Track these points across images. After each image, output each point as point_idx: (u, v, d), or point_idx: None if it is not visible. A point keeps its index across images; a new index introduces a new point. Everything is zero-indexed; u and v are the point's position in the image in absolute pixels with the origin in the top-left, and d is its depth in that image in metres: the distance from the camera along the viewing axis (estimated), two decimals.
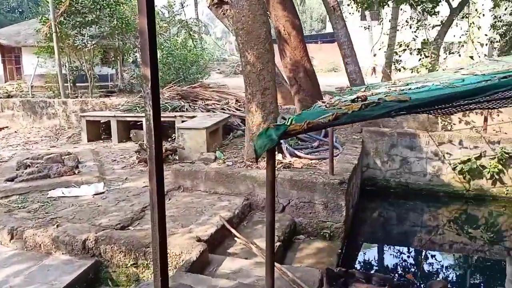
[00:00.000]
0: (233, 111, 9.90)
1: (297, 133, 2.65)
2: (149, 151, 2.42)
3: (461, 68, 6.70)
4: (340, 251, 5.33)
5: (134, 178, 6.73)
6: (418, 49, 10.97)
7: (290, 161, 6.68)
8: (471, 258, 6.65)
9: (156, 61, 2.43)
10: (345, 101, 4.33)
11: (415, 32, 11.09)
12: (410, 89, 3.73)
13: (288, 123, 2.69)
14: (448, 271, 6.26)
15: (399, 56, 11.03)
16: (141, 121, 9.35)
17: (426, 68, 8.99)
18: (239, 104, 10.40)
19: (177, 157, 7.64)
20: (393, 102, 2.81)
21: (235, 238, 4.88)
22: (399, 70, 10.89)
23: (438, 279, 3.04)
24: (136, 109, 9.68)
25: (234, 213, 5.32)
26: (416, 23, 10.97)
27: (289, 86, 10.24)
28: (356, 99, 3.80)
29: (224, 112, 9.61)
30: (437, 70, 9.21)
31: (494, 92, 2.56)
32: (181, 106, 9.82)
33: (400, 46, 11.12)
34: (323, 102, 4.61)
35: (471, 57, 9.32)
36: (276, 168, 6.49)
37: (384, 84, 5.90)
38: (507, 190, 7.60)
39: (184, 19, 17.67)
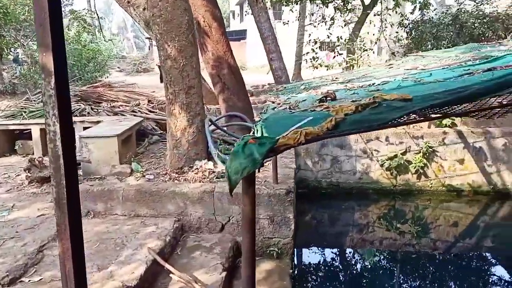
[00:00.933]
0: (146, 114, 8.68)
1: (288, 148, 1.85)
2: (53, 165, 1.40)
3: (390, 65, 6.59)
4: (291, 271, 4.69)
5: (25, 205, 5.23)
6: (332, 46, 10.99)
7: (223, 169, 5.86)
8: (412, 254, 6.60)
9: (63, 44, 1.42)
10: (303, 100, 3.67)
11: (329, 29, 11.12)
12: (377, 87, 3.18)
13: (273, 137, 1.88)
14: (390, 268, 6.10)
15: (316, 53, 10.95)
16: (29, 129, 7.60)
17: (348, 65, 8.98)
18: (152, 105, 9.19)
19: (80, 173, 6.24)
20: (399, 102, 2.18)
21: (170, 275, 3.90)
22: (316, 67, 10.79)
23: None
24: (21, 114, 7.86)
25: (165, 241, 4.31)
26: (330, 20, 11.02)
27: (207, 84, 9.35)
28: (324, 98, 3.15)
29: (135, 115, 8.34)
30: (360, 67, 9.28)
31: None
32: (81, 109, 8.28)
33: (316, 43, 11.03)
34: (273, 102, 3.89)
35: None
36: (209, 180, 5.64)
37: (325, 82, 5.42)
38: (431, 183, 7.81)
39: (76, 10, 15.49)
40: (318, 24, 10.97)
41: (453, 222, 7.58)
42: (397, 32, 10.59)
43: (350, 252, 6.65)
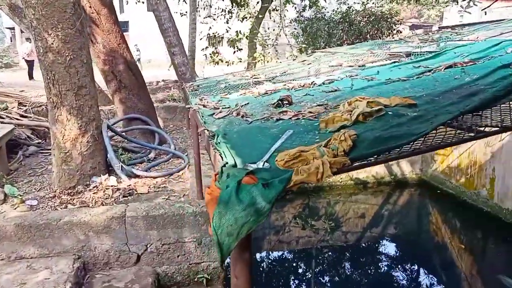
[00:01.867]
0: (18, 119, 7.03)
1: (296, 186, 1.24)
2: None
3: (304, 61, 6.36)
4: None
5: None
6: (232, 40, 10.53)
7: (130, 185, 4.90)
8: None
9: None
10: (245, 104, 3.04)
11: (227, 23, 10.59)
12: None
13: (278, 159, 1.24)
14: (309, 265, 5.94)
15: (216, 48, 10.34)
16: None
17: (256, 61, 8.58)
18: (24, 108, 7.52)
19: None
20: (406, 108, 1.73)
21: None
22: (217, 63, 10.20)
23: None
24: None
25: None
26: (228, 13, 10.49)
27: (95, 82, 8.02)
28: (280, 103, 2.58)
29: (2, 122, 6.66)
30: (268, 62, 8.97)
31: None
32: None
33: (215, 37, 10.41)
34: (204, 105, 3.19)
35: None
36: (114, 200, 4.63)
37: (247, 80, 4.87)
38: (341, 178, 7.93)
39: None
40: (217, 17, 10.36)
41: (361, 213, 7.84)
42: (295, 29, 10.62)
43: (269, 256, 6.33)
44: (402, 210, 8.09)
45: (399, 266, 6.11)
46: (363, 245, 6.99)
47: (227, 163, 1.43)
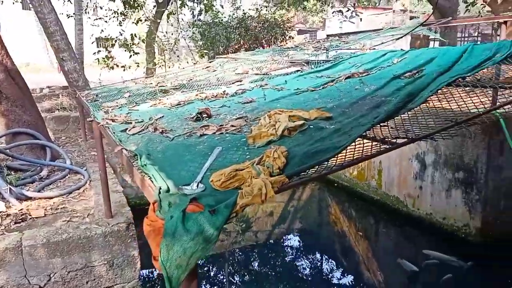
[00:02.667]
0: None
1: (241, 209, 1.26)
2: None
3: (208, 67, 6.36)
4: None
5: None
6: (126, 43, 10.02)
7: (22, 209, 4.35)
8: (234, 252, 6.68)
9: None
10: (160, 117, 2.91)
11: (121, 25, 9.99)
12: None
13: (213, 179, 1.24)
14: (223, 267, 6.01)
15: (109, 51, 9.68)
16: None
17: (158, 65, 8.23)
18: None
19: None
20: (324, 121, 1.86)
21: None
22: (112, 67, 9.58)
23: None
24: None
25: None
26: (121, 15, 9.89)
27: None
28: (200, 116, 2.54)
29: None
30: (170, 68, 8.67)
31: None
32: None
33: (107, 40, 9.77)
34: (112, 120, 2.99)
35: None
36: (5, 228, 4.04)
37: (152, 88, 4.68)
38: None
39: None
40: (110, 19, 9.69)
41: (269, 212, 8.16)
42: (193, 33, 10.52)
43: None
44: (305, 205, 8.64)
45: (305, 257, 6.52)
46: (272, 241, 7.30)
47: (161, 188, 1.37)
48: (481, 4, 10.10)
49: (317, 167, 1.45)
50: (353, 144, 1.58)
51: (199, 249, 1.07)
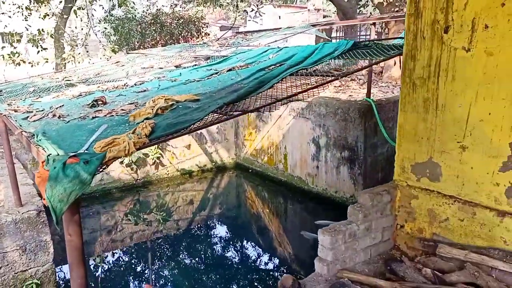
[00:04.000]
0: None
1: (115, 160, 1.75)
2: None
3: (118, 62, 6.60)
4: None
5: None
6: (33, 39, 9.72)
7: None
8: (155, 242, 7.03)
9: None
10: (60, 106, 3.22)
11: (26, 20, 9.61)
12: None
13: (96, 146, 1.72)
14: (145, 258, 6.37)
15: (15, 47, 9.30)
16: None
17: (67, 61, 8.09)
18: None
19: None
20: (191, 102, 2.41)
21: None
22: (19, 63, 9.24)
23: (285, 274, 3.12)
24: None
25: None
26: (26, 10, 9.50)
27: None
28: (95, 103, 2.93)
29: None
30: (79, 63, 8.58)
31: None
32: None
33: (12, 35, 9.38)
34: (15, 110, 3.25)
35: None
36: None
37: (58, 83, 4.87)
38: (168, 171, 8.49)
39: None
40: (14, 14, 9.27)
41: (189, 200, 8.60)
42: (105, 28, 10.46)
43: (104, 258, 6.42)
44: (223, 191, 9.22)
45: (226, 240, 7.07)
46: (194, 228, 7.72)
47: (50, 154, 1.80)
48: (372, 6, 11.43)
49: (175, 133, 1.99)
50: (211, 116, 2.14)
51: (76, 188, 1.53)
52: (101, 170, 1.66)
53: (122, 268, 6.12)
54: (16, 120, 2.86)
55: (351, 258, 3.50)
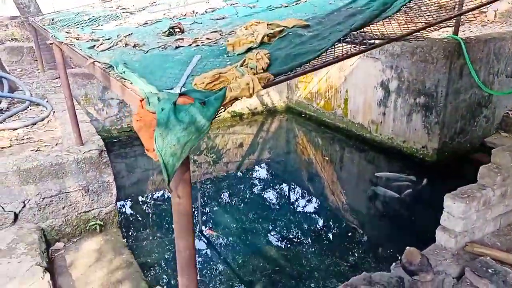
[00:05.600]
0: None
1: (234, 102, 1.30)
2: None
3: None
4: (125, 240, 4.03)
5: None
6: None
7: None
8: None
9: None
10: (128, 35, 2.78)
11: None
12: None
13: (197, 82, 1.27)
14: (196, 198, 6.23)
15: None
16: None
17: None
18: None
19: None
20: (302, 29, 1.87)
21: None
22: None
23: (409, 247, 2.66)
24: None
25: None
26: None
27: None
28: (172, 31, 2.46)
29: None
30: None
31: None
32: None
33: None
34: (76, 38, 2.84)
35: None
36: None
37: (114, 12, 4.40)
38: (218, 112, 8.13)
39: None
40: None
41: (239, 143, 8.30)
42: None
43: (155, 197, 6.34)
44: (274, 136, 8.84)
45: (274, 185, 6.80)
46: (242, 171, 7.50)
47: (150, 92, 1.37)
48: None
49: (298, 68, 1.49)
50: (332, 47, 1.62)
51: (192, 138, 1.11)
52: (218, 114, 1.22)
53: (166, 202, 6.02)
54: (81, 49, 2.45)
55: (480, 229, 3.00)
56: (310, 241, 4.70)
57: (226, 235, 4.86)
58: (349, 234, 4.80)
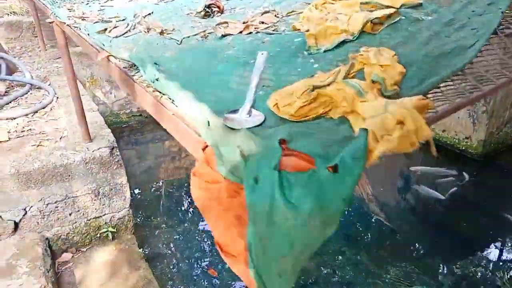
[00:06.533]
0: None
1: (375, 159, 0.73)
2: None
3: None
4: (141, 250, 3.55)
5: None
6: None
7: None
8: None
9: None
10: (148, 15, 2.18)
11: None
12: None
13: (279, 104, 0.71)
14: None
15: None
16: None
17: None
18: None
19: None
20: (412, 10, 1.28)
21: None
22: None
23: None
24: None
25: None
26: None
27: None
28: (208, 11, 1.86)
29: None
30: None
31: None
32: None
33: None
34: (81, 17, 2.25)
35: None
36: None
37: None
38: None
39: None
40: None
41: None
42: None
43: (177, 184, 5.84)
44: None
45: None
46: None
47: (208, 121, 0.82)
48: None
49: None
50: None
51: (315, 238, 0.57)
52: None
53: (187, 195, 5.57)
54: (88, 34, 1.86)
55: None
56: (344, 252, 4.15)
57: None
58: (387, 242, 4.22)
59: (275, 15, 1.67)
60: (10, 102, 4.42)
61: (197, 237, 4.24)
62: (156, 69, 1.18)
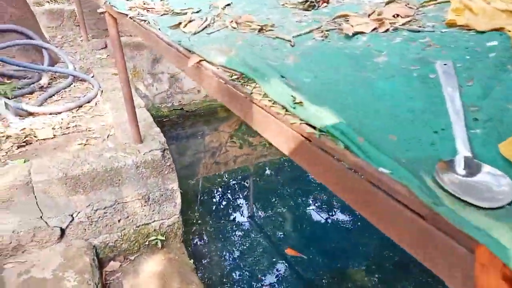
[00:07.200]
0: None
1: None
2: None
3: None
4: (192, 261, 3.29)
5: None
6: None
7: (25, 128, 3.49)
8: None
9: None
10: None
11: None
12: None
13: None
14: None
15: None
16: None
17: None
18: None
19: None
20: None
21: None
22: None
23: None
24: None
25: None
26: None
27: None
28: (314, 2, 1.50)
29: None
30: None
31: None
32: None
33: None
34: (147, 10, 1.95)
35: None
36: (7, 155, 3.22)
37: None
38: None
39: None
40: None
41: None
42: None
43: (207, 180, 5.59)
44: None
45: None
46: None
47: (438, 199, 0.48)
48: None
49: None
50: None
51: None
52: None
53: (222, 191, 5.32)
54: (159, 29, 1.54)
55: None
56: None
57: None
58: None
59: (406, 5, 1.29)
60: (54, 95, 4.24)
61: (253, 247, 3.95)
62: (286, 85, 0.83)
